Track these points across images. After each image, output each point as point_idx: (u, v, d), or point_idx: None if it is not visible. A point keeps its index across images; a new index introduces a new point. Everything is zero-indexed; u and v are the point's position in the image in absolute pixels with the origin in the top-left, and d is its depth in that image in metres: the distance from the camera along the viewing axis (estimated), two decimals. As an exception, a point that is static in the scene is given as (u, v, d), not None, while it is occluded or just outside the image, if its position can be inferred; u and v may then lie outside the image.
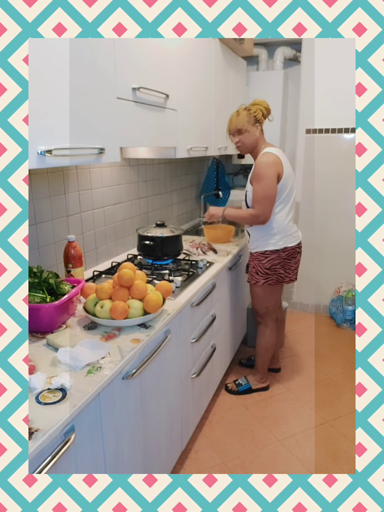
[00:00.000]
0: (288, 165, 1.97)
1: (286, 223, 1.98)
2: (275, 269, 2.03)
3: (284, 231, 1.99)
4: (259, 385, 2.29)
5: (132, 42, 1.42)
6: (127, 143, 1.48)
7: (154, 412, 1.38)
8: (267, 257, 2.03)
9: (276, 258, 2.02)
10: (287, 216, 1.98)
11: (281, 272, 2.04)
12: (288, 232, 2.00)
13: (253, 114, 1.93)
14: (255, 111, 1.93)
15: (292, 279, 2.10)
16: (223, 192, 3.23)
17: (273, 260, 2.02)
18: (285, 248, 2.01)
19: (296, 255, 2.07)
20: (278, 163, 1.89)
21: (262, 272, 2.05)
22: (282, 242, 2.00)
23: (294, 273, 2.09)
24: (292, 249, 2.03)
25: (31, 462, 0.78)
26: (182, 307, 1.51)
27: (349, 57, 2.75)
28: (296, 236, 2.06)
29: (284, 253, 2.01)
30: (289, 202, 1.98)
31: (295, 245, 2.04)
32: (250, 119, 1.94)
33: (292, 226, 2.03)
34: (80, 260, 1.56)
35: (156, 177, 2.46)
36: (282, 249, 2.01)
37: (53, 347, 1.15)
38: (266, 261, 2.03)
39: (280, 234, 1.99)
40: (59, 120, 1.10)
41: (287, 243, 2.01)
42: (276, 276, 2.05)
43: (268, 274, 2.05)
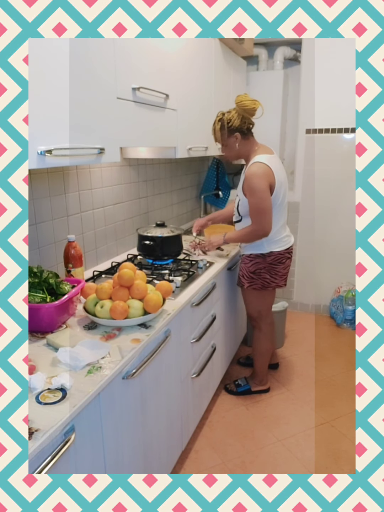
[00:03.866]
0: (281, 172, 1.89)
1: (275, 230, 1.93)
2: (260, 273, 1.99)
3: (272, 237, 1.94)
4: (258, 387, 2.28)
5: (132, 42, 1.42)
6: (127, 143, 1.48)
7: (154, 412, 1.38)
8: (252, 261, 2.00)
9: (261, 262, 1.98)
10: (276, 224, 1.93)
11: (267, 277, 2.00)
12: (276, 238, 1.95)
13: (227, 126, 1.82)
14: (230, 119, 1.81)
15: (280, 285, 2.05)
16: (223, 192, 3.23)
17: (258, 264, 1.99)
18: (271, 253, 1.97)
19: (285, 260, 2.02)
20: (269, 174, 1.80)
21: (247, 275, 2.02)
22: (268, 247, 1.96)
23: (282, 279, 2.04)
24: (279, 254, 1.98)
25: (31, 462, 0.78)
26: (182, 307, 1.51)
27: (349, 57, 2.75)
28: (285, 241, 2.00)
29: (270, 257, 1.97)
30: (280, 210, 1.93)
31: (283, 250, 1.99)
32: (224, 132, 1.85)
33: (281, 232, 1.98)
34: (80, 260, 1.56)
35: (156, 177, 2.46)
36: (267, 253, 1.97)
37: (53, 347, 1.15)
38: (250, 265, 2.00)
39: (267, 240, 1.94)
40: (59, 120, 1.10)
41: (273, 248, 1.96)
42: (261, 281, 2.01)
43: (253, 278, 2.01)
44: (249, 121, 1.85)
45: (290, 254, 2.05)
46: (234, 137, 1.86)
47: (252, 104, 1.79)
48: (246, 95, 1.82)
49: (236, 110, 1.82)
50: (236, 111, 1.82)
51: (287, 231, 2.05)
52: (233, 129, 1.84)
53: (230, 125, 1.82)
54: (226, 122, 1.83)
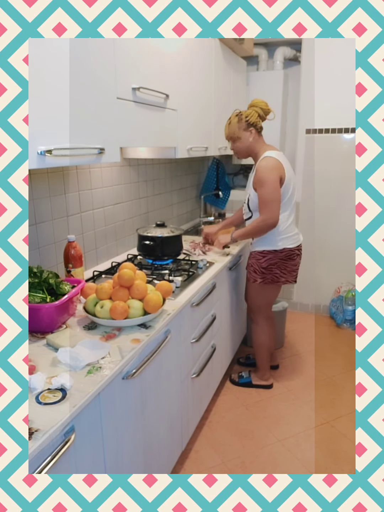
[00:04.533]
0: (289, 168, 1.98)
1: (287, 226, 2.01)
2: (271, 268, 2.05)
3: (285, 233, 2.01)
4: (260, 381, 2.31)
5: (132, 42, 1.42)
6: (127, 143, 1.48)
7: (154, 412, 1.38)
8: (265, 257, 2.05)
9: (273, 257, 2.04)
10: (287, 219, 2.00)
11: (277, 272, 2.06)
12: (288, 234, 2.02)
13: (245, 119, 1.93)
14: (248, 115, 1.93)
15: (289, 280, 2.10)
16: (223, 192, 3.23)
17: (270, 259, 2.04)
18: (284, 249, 2.03)
19: (295, 257, 2.08)
20: (279, 167, 1.90)
21: (259, 271, 2.07)
22: (282, 243, 2.02)
23: (291, 275, 2.10)
24: (290, 251, 2.04)
25: (31, 462, 0.78)
26: (182, 307, 1.51)
27: (349, 57, 2.75)
28: (296, 239, 2.07)
29: (282, 253, 2.03)
30: (290, 205, 2.00)
31: (294, 247, 2.05)
32: (241, 125, 1.95)
33: (292, 229, 2.05)
34: (80, 260, 1.56)
35: (156, 177, 2.46)
36: (280, 250, 2.03)
37: (53, 347, 1.15)
38: (263, 260, 2.05)
39: (280, 235, 2.00)
40: (59, 120, 1.10)
41: (286, 244, 2.03)
42: (271, 276, 2.06)
43: (264, 273, 2.07)
44: (260, 123, 1.98)
45: (299, 251, 2.11)
46: (249, 131, 1.96)
47: (267, 106, 1.96)
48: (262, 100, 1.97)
49: (253, 109, 1.95)
50: (253, 109, 1.95)
51: (297, 228, 2.12)
52: (250, 124, 1.95)
53: (248, 120, 1.94)
54: (244, 116, 1.95)
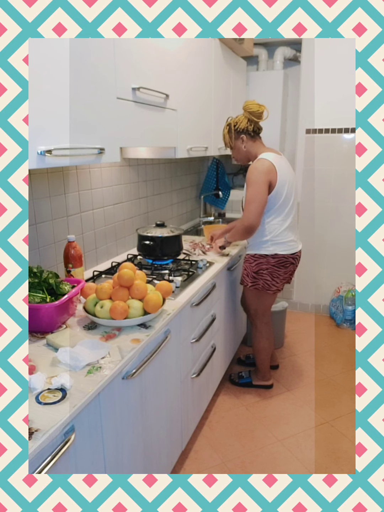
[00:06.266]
0: (287, 171, 1.91)
1: (280, 231, 1.95)
2: (262, 274, 2.01)
3: (277, 239, 1.95)
4: (260, 382, 2.31)
5: (132, 42, 1.42)
6: (127, 143, 1.48)
7: (154, 412, 1.38)
8: (256, 260, 2.01)
9: (264, 262, 1.99)
10: (281, 225, 1.94)
11: (268, 279, 2.01)
12: (282, 240, 1.96)
13: (234, 128, 1.94)
14: (236, 122, 1.94)
15: (279, 288, 2.07)
16: (223, 192, 3.23)
17: (261, 264, 2.00)
18: (276, 255, 1.98)
19: (288, 265, 2.01)
20: (271, 170, 1.84)
21: (251, 275, 2.04)
22: (273, 248, 1.97)
23: (282, 284, 2.06)
24: (283, 257, 1.98)
25: (31, 462, 0.78)
26: (182, 307, 1.51)
27: (349, 57, 2.75)
28: (291, 246, 2.00)
29: (274, 259, 1.98)
30: (284, 211, 1.94)
31: (288, 253, 1.99)
32: (231, 134, 1.97)
33: (288, 235, 1.98)
34: (80, 260, 1.56)
35: (156, 177, 2.46)
36: (272, 255, 1.98)
37: (53, 347, 1.15)
38: (254, 264, 2.02)
39: (272, 240, 1.96)
40: (59, 120, 1.10)
41: (278, 250, 1.97)
42: (262, 282, 2.02)
43: (255, 278, 2.03)
44: (256, 125, 1.96)
45: (295, 260, 2.04)
46: (240, 139, 1.97)
47: (257, 107, 1.91)
48: (254, 101, 1.94)
49: (243, 114, 1.95)
50: (243, 115, 1.94)
51: (294, 236, 2.03)
52: (239, 131, 1.95)
53: (237, 128, 1.95)
54: (233, 125, 1.96)
